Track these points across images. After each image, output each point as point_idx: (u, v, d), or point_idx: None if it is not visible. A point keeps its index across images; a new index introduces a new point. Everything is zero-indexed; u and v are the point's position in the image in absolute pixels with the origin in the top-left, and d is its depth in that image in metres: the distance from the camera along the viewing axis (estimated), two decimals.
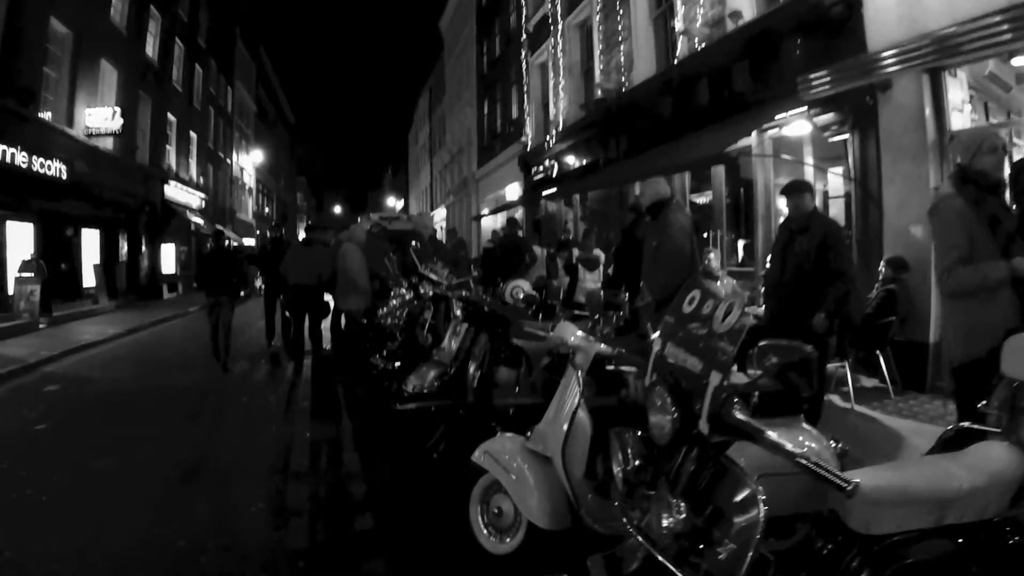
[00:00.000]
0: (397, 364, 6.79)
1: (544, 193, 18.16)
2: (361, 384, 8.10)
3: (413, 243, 8.83)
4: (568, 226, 18.84)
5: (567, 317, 6.86)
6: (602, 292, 9.28)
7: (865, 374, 8.13)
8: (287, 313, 10.75)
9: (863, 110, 9.06)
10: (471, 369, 5.19)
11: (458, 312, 5.59)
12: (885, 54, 8.33)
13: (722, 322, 2.55)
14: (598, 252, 11.54)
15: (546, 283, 9.48)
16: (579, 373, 3.45)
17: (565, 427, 3.36)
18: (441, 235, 26.08)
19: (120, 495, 4.97)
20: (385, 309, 7.83)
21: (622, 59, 15.77)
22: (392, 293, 8.42)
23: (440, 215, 43.14)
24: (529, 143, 23.31)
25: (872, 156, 9.03)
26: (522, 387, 5.33)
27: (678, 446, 2.54)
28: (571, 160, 18.79)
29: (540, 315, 6.57)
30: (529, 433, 3.61)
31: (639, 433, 2.94)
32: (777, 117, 9.90)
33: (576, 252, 11.63)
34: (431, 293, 7.11)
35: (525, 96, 23.84)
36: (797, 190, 6.08)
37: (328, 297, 10.14)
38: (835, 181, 10.53)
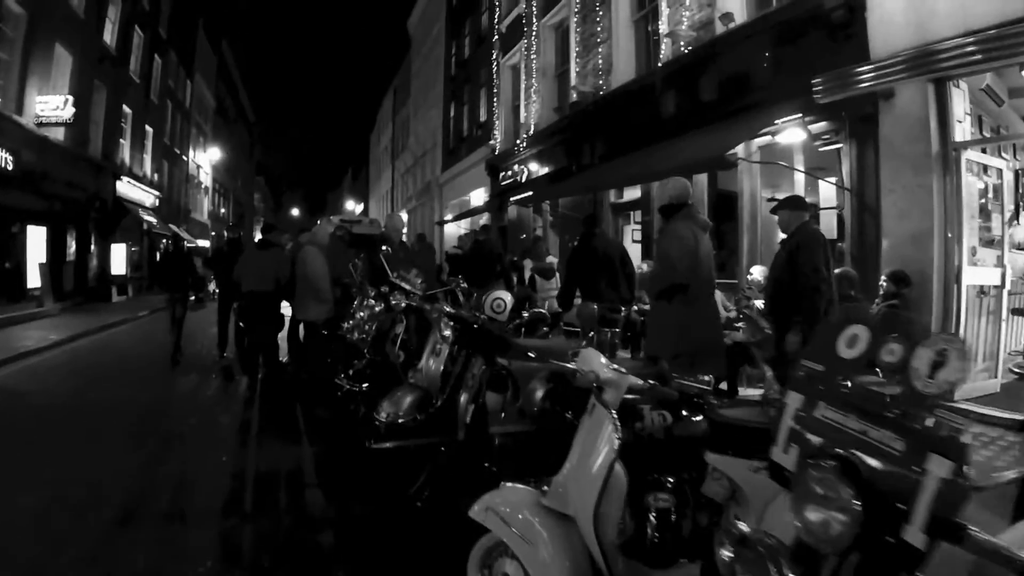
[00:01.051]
0: (365, 385, 6.07)
1: (513, 198, 17.54)
2: (323, 405, 7.34)
3: (383, 247, 8.04)
4: (537, 232, 18.33)
5: (558, 334, 6.26)
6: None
7: None
8: (240, 323, 9.96)
9: (862, 118, 8.72)
10: (462, 400, 4.47)
11: (446, 332, 4.87)
12: (890, 61, 8.03)
13: (930, 377, 1.78)
14: (551, 259, 11.23)
15: (529, 294, 8.80)
16: (612, 415, 2.81)
17: (599, 484, 2.71)
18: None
19: (42, 544, 4.20)
20: (351, 321, 7.05)
21: (600, 62, 15.28)
22: (356, 303, 7.67)
23: (402, 219, 42.16)
24: (497, 147, 22.76)
25: (870, 166, 8.72)
26: (508, 413, 4.67)
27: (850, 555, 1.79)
28: (542, 165, 18.25)
29: (523, 331, 5.97)
30: (545, 488, 2.94)
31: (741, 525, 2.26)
32: (777, 122, 9.42)
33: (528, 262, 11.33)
34: (403, 304, 6.40)
35: (495, 99, 23.28)
36: (783, 207, 6.08)
37: (286, 305, 9.39)
38: (826, 191, 10.21)
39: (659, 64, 12.75)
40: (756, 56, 10.32)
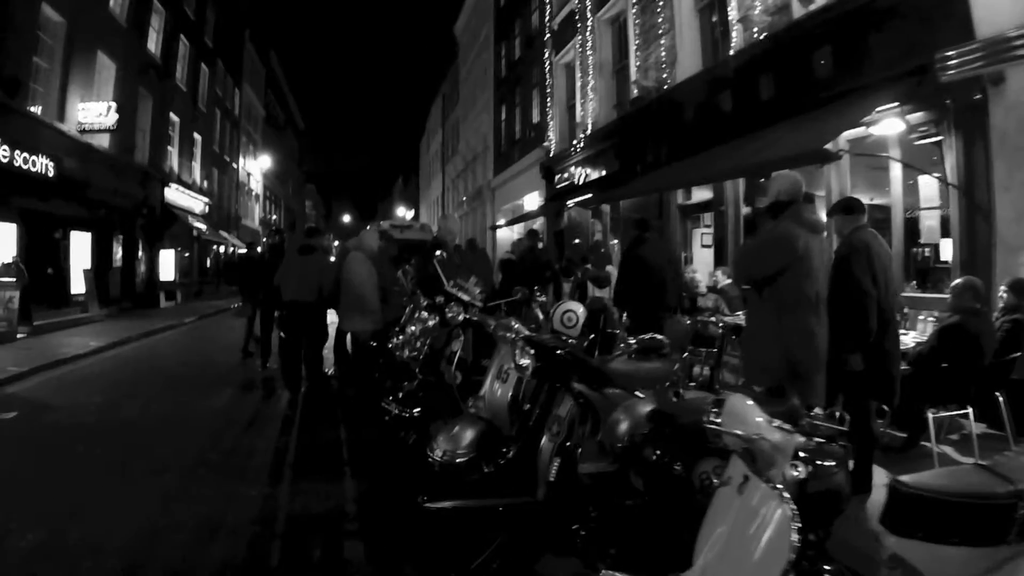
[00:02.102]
0: (416, 410, 5.20)
1: (570, 202, 16.59)
2: (369, 428, 6.45)
3: (438, 253, 7.09)
4: (597, 238, 17.43)
5: (631, 352, 5.29)
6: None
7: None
8: (282, 333, 9.22)
9: (969, 107, 7.67)
10: (544, 448, 3.51)
11: (523, 361, 3.96)
12: (1002, 39, 6.99)
13: None
14: (610, 268, 10.57)
15: (604, 306, 7.85)
16: (786, 502, 1.89)
17: None
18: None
19: None
20: (400, 337, 6.16)
21: (663, 54, 14.31)
22: (406, 315, 6.80)
23: (456, 222, 41.30)
24: (552, 148, 21.87)
25: (980, 160, 7.68)
26: (586, 448, 3.76)
27: None
28: (601, 165, 17.31)
29: (597, 350, 5.09)
30: None
31: None
32: (877, 111, 8.39)
33: (588, 267, 10.65)
34: (460, 317, 5.51)
35: (548, 99, 22.43)
36: (835, 211, 5.46)
37: (333, 315, 8.61)
38: (926, 190, 9.15)
39: (730, 53, 11.75)
40: (841, 41, 9.33)
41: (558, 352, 3.74)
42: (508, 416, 4.01)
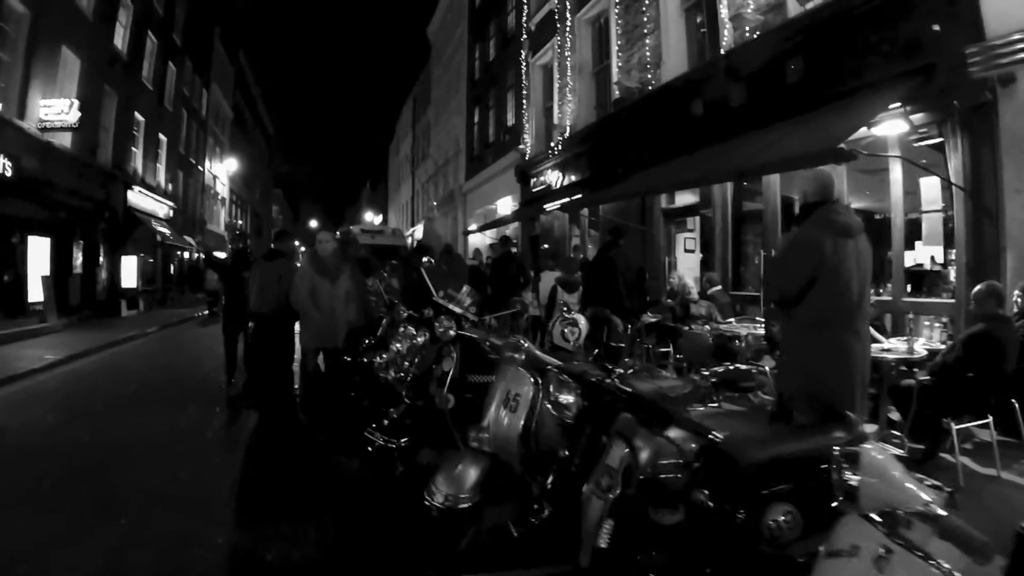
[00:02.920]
0: (404, 440, 4.62)
1: (548, 206, 16.04)
2: (348, 456, 5.75)
3: (425, 259, 6.40)
4: (575, 242, 17.01)
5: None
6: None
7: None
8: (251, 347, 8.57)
9: (975, 108, 7.47)
10: (592, 507, 2.77)
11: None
12: (1013, 39, 6.90)
13: None
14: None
15: (607, 316, 7.31)
16: None
17: None
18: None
19: None
20: (383, 356, 5.51)
21: (647, 54, 13.89)
22: (384, 328, 6.18)
23: (422, 231, 40.74)
24: (528, 152, 21.35)
25: (987, 162, 7.48)
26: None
27: None
28: (580, 168, 16.86)
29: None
30: None
31: None
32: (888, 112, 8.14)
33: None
34: (452, 333, 4.94)
35: (524, 101, 21.94)
36: None
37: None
38: (929, 194, 8.88)
39: (721, 52, 11.33)
40: (840, 40, 9.00)
41: (611, 388, 3.15)
42: (518, 451, 3.45)
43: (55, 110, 18.06)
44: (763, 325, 6.92)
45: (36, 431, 7.60)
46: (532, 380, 3.62)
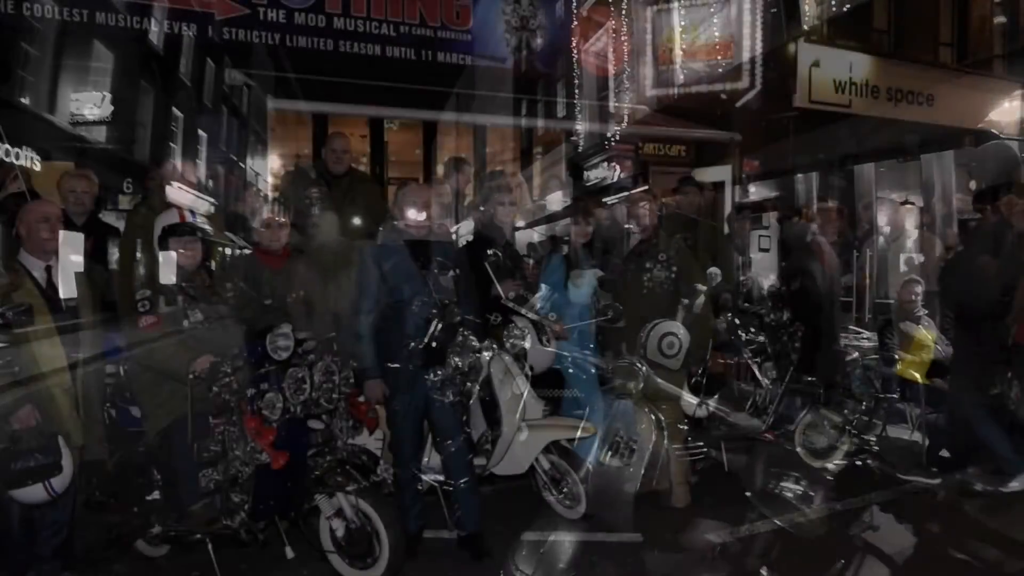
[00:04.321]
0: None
1: (607, 200, 15.02)
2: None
3: (490, 252, 4.82)
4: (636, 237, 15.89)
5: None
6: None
7: None
8: None
9: None
10: None
11: None
12: None
13: None
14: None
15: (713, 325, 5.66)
16: None
17: None
18: None
19: None
20: (436, 374, 4.10)
21: (715, 35, 12.71)
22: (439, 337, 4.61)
23: (466, 228, 39.61)
24: (581, 143, 20.21)
25: None
26: None
27: None
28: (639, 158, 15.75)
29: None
30: None
31: None
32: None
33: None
34: (526, 345, 3.86)
35: (576, 90, 20.74)
36: None
37: None
38: None
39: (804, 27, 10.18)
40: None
41: None
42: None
43: (87, 103, 17.76)
44: None
45: None
46: (654, 420, 2.58)
